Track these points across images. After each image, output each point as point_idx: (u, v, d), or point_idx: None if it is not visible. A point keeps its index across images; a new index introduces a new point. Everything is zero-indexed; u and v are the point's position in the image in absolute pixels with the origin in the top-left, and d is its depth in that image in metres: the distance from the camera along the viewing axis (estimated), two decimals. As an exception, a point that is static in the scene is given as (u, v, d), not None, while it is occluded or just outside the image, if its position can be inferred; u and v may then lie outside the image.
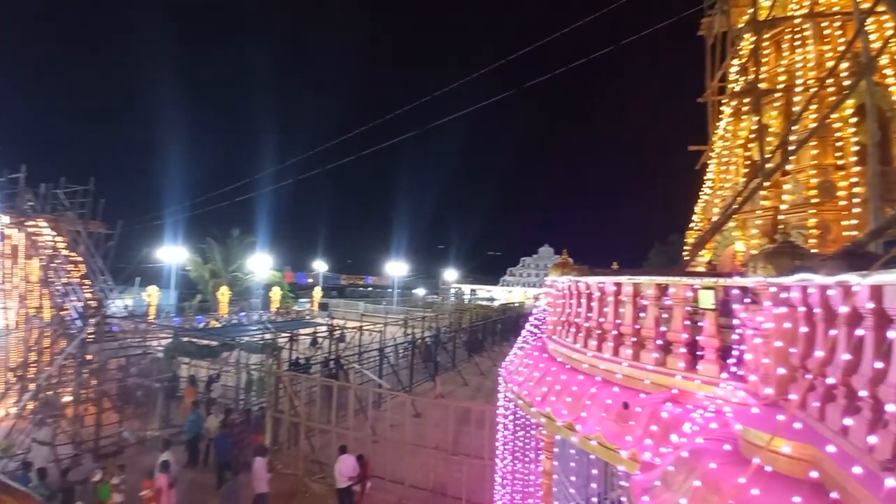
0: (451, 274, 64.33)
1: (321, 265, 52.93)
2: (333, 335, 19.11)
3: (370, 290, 68.66)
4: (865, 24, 7.47)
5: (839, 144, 8.54)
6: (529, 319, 9.31)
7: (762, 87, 9.32)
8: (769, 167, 7.43)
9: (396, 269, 52.06)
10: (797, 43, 9.47)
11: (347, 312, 35.56)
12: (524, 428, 7.73)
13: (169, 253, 32.68)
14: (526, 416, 6.90)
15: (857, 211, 7.85)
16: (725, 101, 10.86)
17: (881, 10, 7.34)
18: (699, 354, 4.60)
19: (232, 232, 37.19)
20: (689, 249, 10.55)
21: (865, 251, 3.75)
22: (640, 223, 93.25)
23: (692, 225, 11.09)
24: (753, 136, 9.39)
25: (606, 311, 5.67)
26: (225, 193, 18.79)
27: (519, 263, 69.02)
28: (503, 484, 8.02)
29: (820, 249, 7.50)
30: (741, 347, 4.34)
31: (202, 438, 12.46)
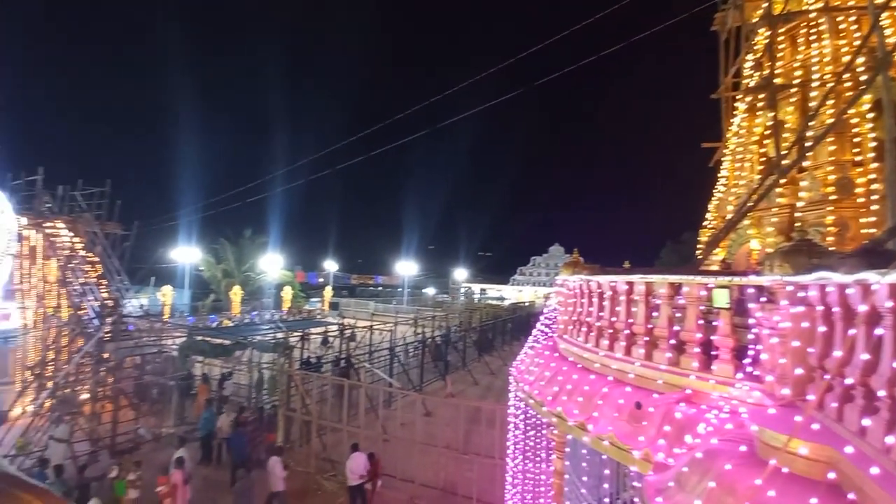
0: (460, 273, 64.29)
1: (332, 265, 53.16)
2: (344, 334, 19.19)
3: (380, 289, 68.84)
4: (881, 18, 7.32)
5: (857, 140, 8.39)
6: (540, 319, 9.27)
7: (778, 82, 9.17)
8: (785, 164, 7.32)
9: (406, 268, 52.19)
10: (812, 37, 9.32)
11: (358, 312, 35.66)
12: (535, 427, 7.70)
13: (183, 253, 33.15)
14: (537, 415, 6.88)
15: (875, 208, 7.71)
16: (740, 96, 10.71)
17: (897, 4, 7.20)
18: (713, 354, 4.55)
19: (244, 232, 37.51)
20: (702, 248, 10.43)
21: (884, 249, 3.68)
22: (651, 222, 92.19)
23: (705, 223, 10.97)
24: (769, 132, 9.25)
25: (618, 310, 5.63)
26: (237, 194, 19.06)
27: (529, 262, 68.77)
28: (514, 484, 8.01)
29: (838, 247, 7.37)
30: (757, 347, 4.28)
31: (215, 436, 12.62)
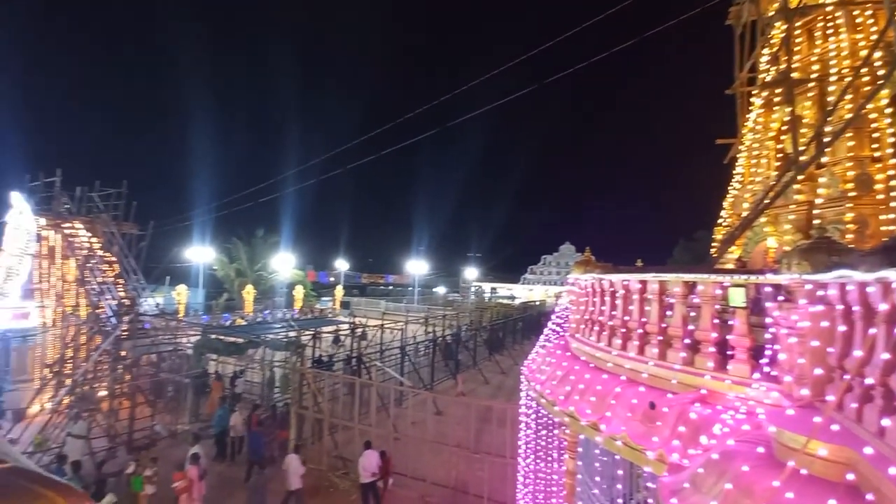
0: (471, 272, 64.24)
1: (343, 264, 53.47)
2: (355, 333, 19.29)
3: (391, 288, 69.12)
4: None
5: (875, 136, 8.20)
6: (551, 318, 9.22)
7: (795, 76, 9.00)
8: (803, 160, 7.19)
9: (417, 267, 52.30)
10: (830, 31, 9.13)
11: (369, 311, 35.84)
12: (547, 427, 7.66)
13: (197, 253, 33.66)
14: (548, 414, 6.84)
15: (894, 205, 7.54)
16: (756, 91, 10.52)
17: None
18: (729, 354, 4.48)
19: (257, 232, 37.94)
20: (717, 246, 10.28)
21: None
22: (664, 220, 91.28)
23: (720, 221, 10.81)
24: (786, 127, 9.08)
25: (631, 309, 5.58)
26: (250, 194, 19.24)
27: (540, 261, 68.47)
28: (525, 483, 7.98)
29: (857, 245, 7.21)
30: (774, 347, 4.21)
31: (229, 433, 12.78)
